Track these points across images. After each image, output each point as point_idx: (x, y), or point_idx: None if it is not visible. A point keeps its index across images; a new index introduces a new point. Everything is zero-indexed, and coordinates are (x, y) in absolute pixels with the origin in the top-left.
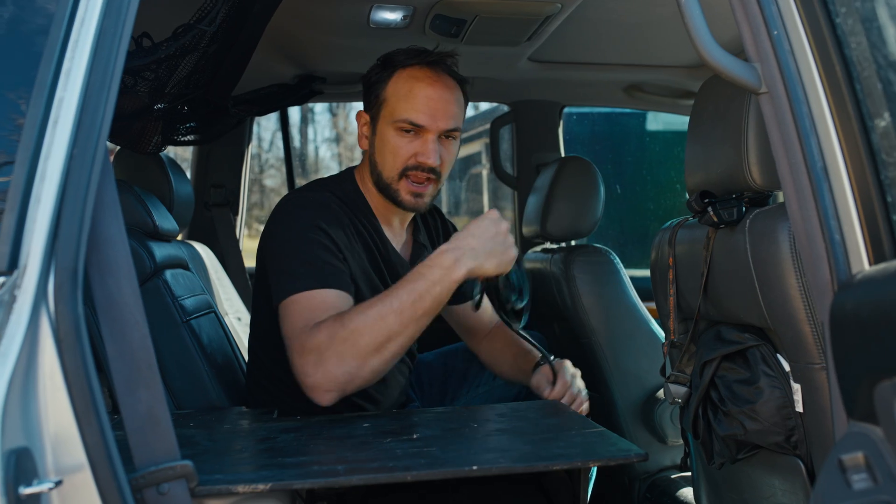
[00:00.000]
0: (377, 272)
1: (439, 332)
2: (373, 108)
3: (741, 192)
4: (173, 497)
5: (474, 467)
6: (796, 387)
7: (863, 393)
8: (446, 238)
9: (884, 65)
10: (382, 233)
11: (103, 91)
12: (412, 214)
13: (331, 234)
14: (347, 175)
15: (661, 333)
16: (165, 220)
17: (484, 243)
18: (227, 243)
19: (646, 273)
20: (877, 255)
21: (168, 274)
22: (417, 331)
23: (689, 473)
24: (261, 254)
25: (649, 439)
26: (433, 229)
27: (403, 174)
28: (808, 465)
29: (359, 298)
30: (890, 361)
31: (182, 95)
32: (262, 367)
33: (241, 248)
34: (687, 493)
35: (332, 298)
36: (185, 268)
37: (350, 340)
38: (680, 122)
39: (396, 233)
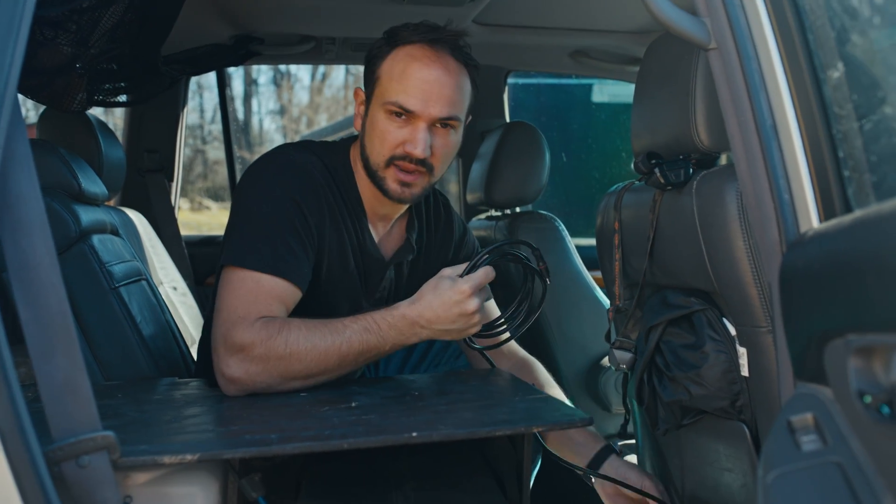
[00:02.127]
0: (353, 257)
1: None
2: (368, 86)
3: (688, 154)
4: (94, 470)
5: (414, 434)
6: (742, 351)
7: (812, 353)
8: (447, 240)
9: (838, 10)
10: (364, 221)
11: (10, 37)
12: (405, 207)
13: (305, 212)
14: (342, 147)
15: (605, 301)
16: (93, 184)
17: (445, 322)
18: (161, 211)
19: (590, 242)
20: (827, 213)
21: (95, 239)
22: (351, 371)
23: (633, 441)
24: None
25: (593, 407)
26: (434, 229)
27: (391, 162)
28: (752, 429)
29: (325, 283)
30: (842, 319)
31: (107, 51)
32: None
33: (176, 216)
34: (630, 459)
35: (280, 290)
36: (115, 234)
37: (284, 361)
38: (626, 93)
39: (383, 224)
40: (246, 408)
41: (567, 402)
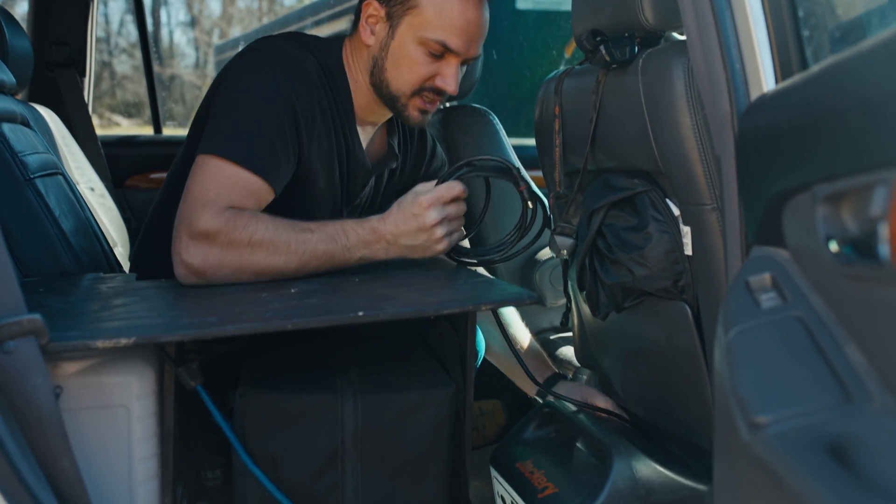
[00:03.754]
0: (339, 164)
1: None
2: (396, 6)
3: (632, 33)
4: (21, 356)
5: (360, 313)
6: (685, 230)
7: (770, 217)
8: (421, 153)
9: None
10: (354, 126)
11: None
12: (389, 116)
13: (297, 113)
14: (335, 46)
15: (542, 197)
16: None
17: (407, 236)
18: (74, 108)
19: (522, 142)
20: (784, 76)
21: (6, 127)
22: (303, 275)
23: (568, 334)
24: (209, 101)
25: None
26: (409, 138)
27: (417, 93)
28: (694, 309)
29: (309, 185)
30: (808, 171)
31: None
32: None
33: (90, 113)
34: (566, 351)
35: (256, 187)
36: (27, 125)
37: (246, 253)
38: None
39: (368, 130)
40: (180, 297)
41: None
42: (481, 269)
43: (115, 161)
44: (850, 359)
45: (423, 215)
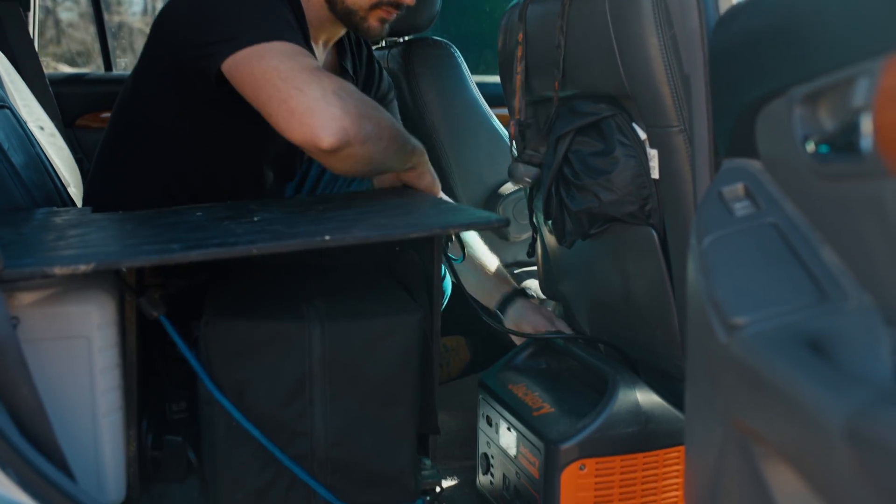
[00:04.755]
0: None
1: None
2: None
3: None
4: None
5: (327, 237)
6: (652, 153)
7: (742, 128)
8: (370, 76)
9: None
10: (310, 43)
11: None
12: (341, 34)
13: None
14: None
15: (503, 131)
16: None
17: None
18: (19, 44)
19: (483, 79)
20: None
21: None
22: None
23: (532, 267)
24: (166, 23)
25: (491, 237)
26: (358, 60)
27: (377, 6)
28: (660, 233)
29: None
30: (785, 75)
31: None
32: (120, 164)
33: (35, 49)
34: (531, 284)
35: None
36: None
37: (368, 104)
38: None
39: (321, 50)
40: (140, 227)
41: None
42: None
43: (64, 100)
44: (825, 261)
45: None
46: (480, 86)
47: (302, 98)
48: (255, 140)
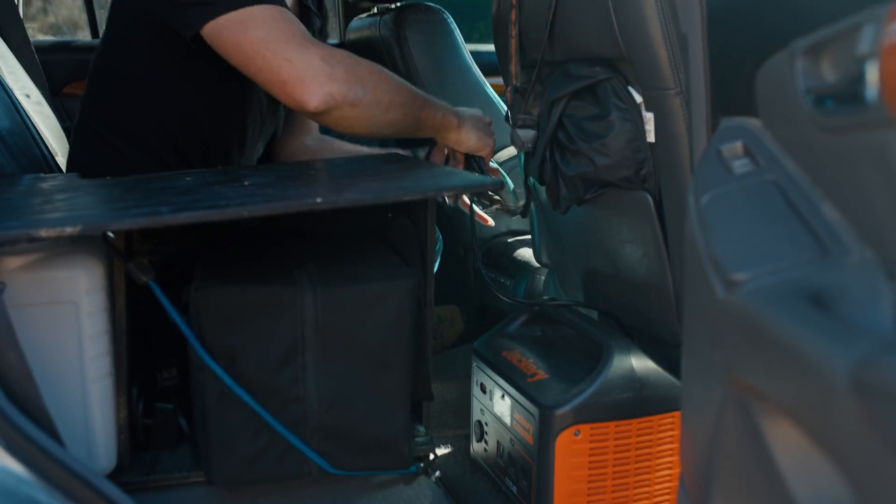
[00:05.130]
0: None
1: None
2: None
3: None
4: None
5: (318, 199)
6: (648, 116)
7: (741, 86)
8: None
9: None
10: None
11: None
12: None
13: None
14: None
15: (497, 100)
16: None
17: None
18: (4, 11)
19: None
20: None
21: None
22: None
23: (525, 236)
24: None
25: (485, 203)
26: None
27: None
28: (656, 198)
29: None
30: (784, 30)
31: None
32: (101, 124)
33: (21, 16)
34: (524, 252)
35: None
36: None
37: (363, 65)
38: None
39: None
40: (127, 191)
41: None
42: None
43: (50, 68)
44: (825, 216)
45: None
46: (474, 54)
47: (291, 68)
48: (236, 93)
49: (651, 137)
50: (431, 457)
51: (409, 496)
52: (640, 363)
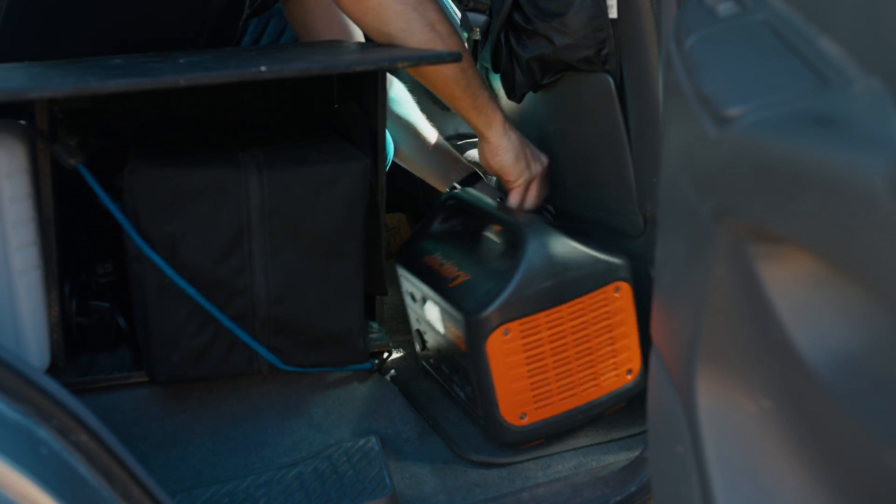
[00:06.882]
0: None
1: None
2: None
3: None
4: None
5: (263, 68)
6: None
7: None
8: None
9: None
10: None
11: None
12: None
13: None
14: None
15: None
16: None
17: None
18: None
19: None
20: None
21: None
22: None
23: (474, 139)
24: None
25: (431, 108)
26: None
27: None
28: (617, 80)
29: None
30: None
31: None
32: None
33: None
34: (475, 153)
35: None
36: None
37: None
38: None
39: None
40: (53, 67)
41: None
42: None
43: None
44: (824, 50)
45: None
46: None
47: None
48: None
49: (613, 13)
50: (386, 355)
51: (363, 394)
52: (560, 246)
